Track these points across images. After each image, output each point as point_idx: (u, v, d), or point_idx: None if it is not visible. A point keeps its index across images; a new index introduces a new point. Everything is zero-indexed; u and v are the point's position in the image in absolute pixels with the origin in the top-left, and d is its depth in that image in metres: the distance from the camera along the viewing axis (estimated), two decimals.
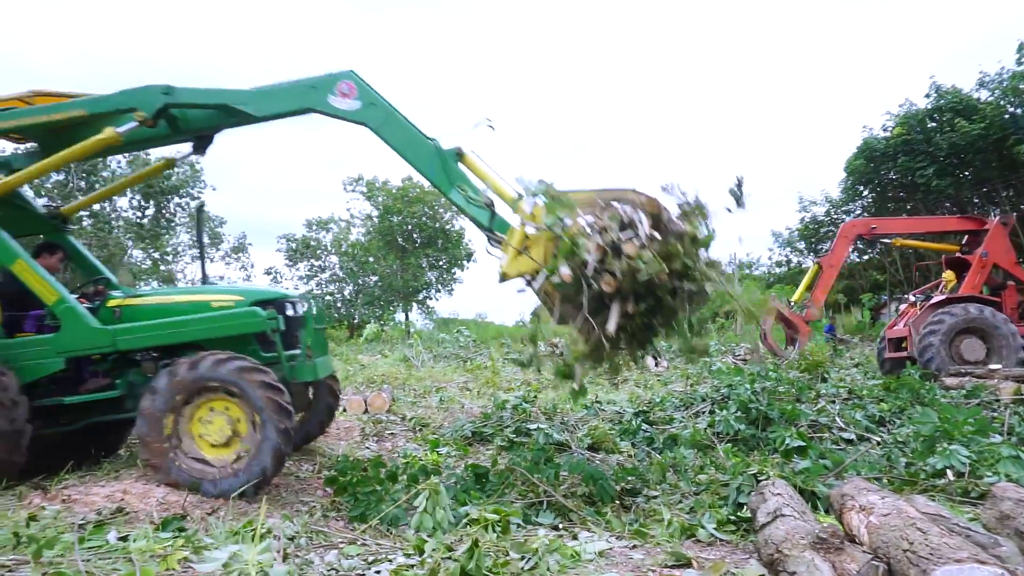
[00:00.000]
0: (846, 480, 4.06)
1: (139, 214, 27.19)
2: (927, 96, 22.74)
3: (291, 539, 3.92)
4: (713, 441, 7.30)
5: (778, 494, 3.69)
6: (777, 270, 31.22)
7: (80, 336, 5.69)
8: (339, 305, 31.11)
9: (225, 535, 4.00)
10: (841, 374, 12.15)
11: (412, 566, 3.37)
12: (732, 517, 4.15)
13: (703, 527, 4.04)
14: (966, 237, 13.66)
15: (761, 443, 7.10)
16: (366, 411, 10.12)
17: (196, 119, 5.98)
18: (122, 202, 26.50)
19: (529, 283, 5.23)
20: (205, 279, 8.03)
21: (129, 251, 28.04)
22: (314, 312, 6.29)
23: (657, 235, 4.75)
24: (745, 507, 4.37)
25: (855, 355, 15.78)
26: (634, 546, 3.94)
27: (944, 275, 13.76)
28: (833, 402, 8.58)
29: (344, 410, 10.29)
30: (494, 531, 3.25)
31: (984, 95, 21.70)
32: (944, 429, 6.06)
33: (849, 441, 7.20)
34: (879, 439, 7.22)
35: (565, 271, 4.70)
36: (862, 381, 9.49)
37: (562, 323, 5.18)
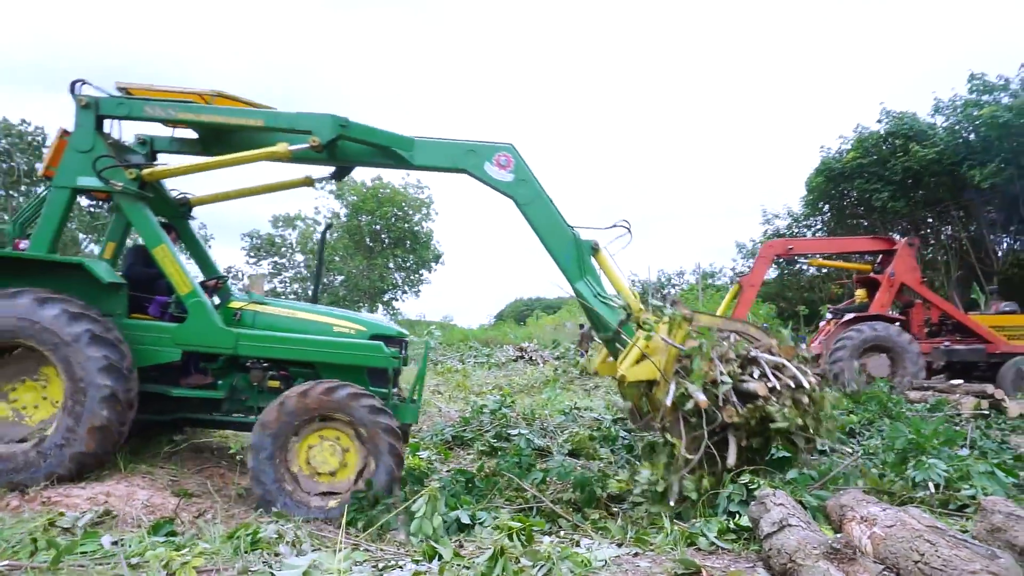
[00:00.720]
0: (843, 491, 4.19)
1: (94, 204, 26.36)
2: (879, 121, 23.56)
3: (294, 544, 3.88)
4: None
5: (780, 504, 3.79)
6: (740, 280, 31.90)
7: (204, 332, 5.69)
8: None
9: (220, 539, 3.94)
10: None
11: (424, 573, 3.37)
12: (732, 526, 4.24)
13: (704, 535, 4.13)
14: (880, 257, 14.24)
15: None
16: None
17: (354, 152, 6.17)
18: None
19: (645, 391, 5.59)
20: (315, 299, 8.11)
21: (83, 243, 27.16)
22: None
23: (780, 378, 5.21)
24: (738, 516, 4.49)
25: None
26: (636, 554, 4.00)
27: (856, 293, 14.50)
28: None
29: None
30: (519, 539, 3.26)
31: (939, 120, 22.54)
32: (916, 442, 6.30)
33: (823, 452, 7.41)
34: (850, 450, 7.46)
35: (701, 397, 4.98)
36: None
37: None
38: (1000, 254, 23.73)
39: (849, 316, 13.20)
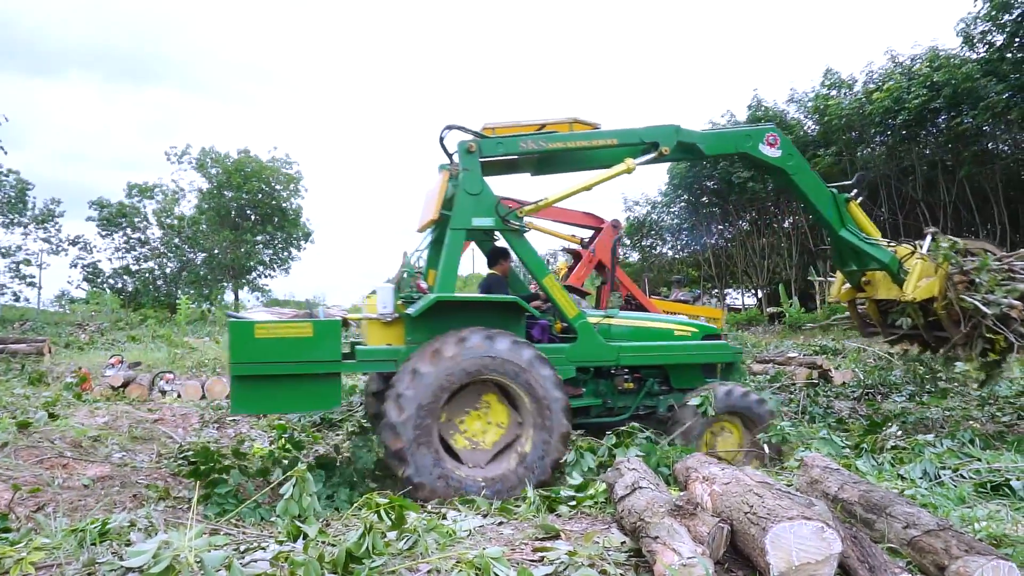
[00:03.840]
0: (690, 455, 4.55)
1: None
2: (749, 108, 25.27)
3: (147, 532, 3.69)
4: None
5: (633, 469, 4.08)
6: None
7: (593, 349, 6.32)
8: (159, 283, 28.47)
9: (63, 533, 3.69)
10: None
11: (288, 553, 3.33)
12: (583, 493, 4.52)
13: (564, 503, 4.35)
14: (592, 232, 14.17)
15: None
16: (203, 397, 9.54)
17: (672, 152, 6.70)
18: None
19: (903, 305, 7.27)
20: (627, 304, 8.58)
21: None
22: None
23: None
24: (597, 483, 4.78)
25: None
26: (501, 522, 4.16)
27: (558, 265, 14.80)
28: None
29: (179, 396, 9.63)
30: (387, 517, 3.29)
31: (793, 110, 24.52)
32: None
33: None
34: None
35: (1014, 302, 6.34)
36: None
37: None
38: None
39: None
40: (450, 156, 6.24)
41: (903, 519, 3.21)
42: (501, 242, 6.96)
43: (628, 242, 31.61)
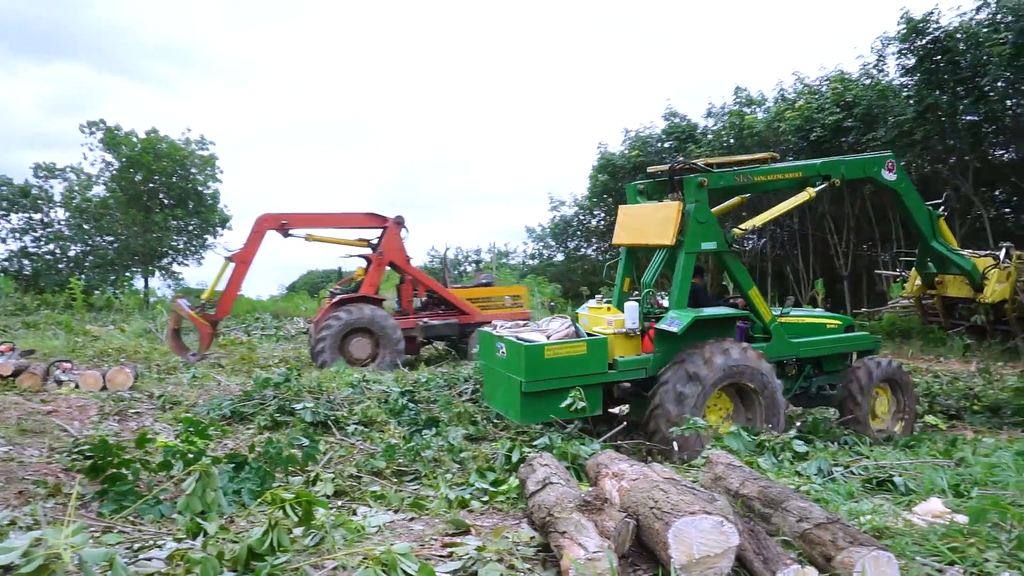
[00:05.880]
0: (601, 451, 4.65)
1: None
2: (664, 118, 25.97)
3: (30, 529, 3.46)
4: (477, 418, 7.77)
5: (545, 465, 4.13)
6: (530, 262, 33.47)
7: (783, 346, 7.58)
8: (61, 267, 26.67)
9: None
10: None
11: (187, 551, 3.20)
12: (496, 489, 4.54)
13: (475, 499, 4.36)
14: (380, 235, 14.01)
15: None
16: (104, 388, 9.03)
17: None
18: None
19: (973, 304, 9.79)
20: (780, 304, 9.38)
21: None
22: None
23: None
24: (510, 481, 4.81)
25: None
26: (412, 518, 4.13)
27: (356, 272, 14.61)
28: None
29: (76, 387, 9.09)
30: (293, 513, 3.20)
31: (710, 123, 25.34)
32: None
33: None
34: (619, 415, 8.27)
35: None
36: None
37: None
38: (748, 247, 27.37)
39: (338, 297, 13.28)
40: (678, 187, 7.32)
41: (797, 513, 3.38)
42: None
43: (553, 243, 31.92)
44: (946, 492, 4.42)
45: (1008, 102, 16.77)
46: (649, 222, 7.54)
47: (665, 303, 7.36)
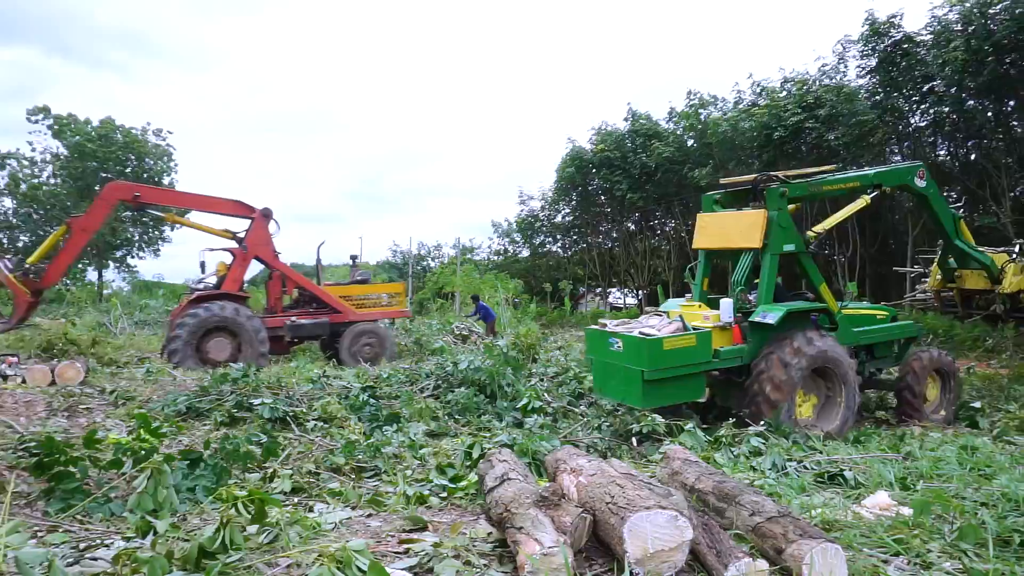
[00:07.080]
0: (560, 447, 4.67)
1: None
2: (625, 119, 26.23)
3: None
4: (438, 414, 7.75)
5: (504, 461, 4.12)
6: (495, 258, 33.48)
7: (848, 335, 8.39)
8: (9, 258, 25.73)
9: None
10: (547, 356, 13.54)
11: (135, 550, 3.12)
12: (455, 485, 4.52)
13: (435, 495, 4.35)
14: (247, 228, 13.25)
15: (482, 415, 7.73)
16: (53, 383, 8.76)
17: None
18: None
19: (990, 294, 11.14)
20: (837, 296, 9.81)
21: None
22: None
23: None
24: (470, 477, 4.80)
25: (558, 339, 17.69)
26: (370, 515, 4.10)
27: (218, 266, 13.57)
28: (542, 380, 9.61)
29: (23, 381, 8.80)
30: (246, 511, 3.14)
31: (671, 126, 25.65)
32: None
33: (559, 412, 8.20)
34: (579, 411, 8.33)
35: None
36: (565, 362, 10.73)
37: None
38: None
39: (197, 294, 12.53)
40: (760, 196, 8.02)
41: (750, 507, 3.44)
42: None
43: (519, 238, 31.95)
44: (893, 485, 4.55)
45: (948, 106, 17.40)
46: (734, 228, 8.30)
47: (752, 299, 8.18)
